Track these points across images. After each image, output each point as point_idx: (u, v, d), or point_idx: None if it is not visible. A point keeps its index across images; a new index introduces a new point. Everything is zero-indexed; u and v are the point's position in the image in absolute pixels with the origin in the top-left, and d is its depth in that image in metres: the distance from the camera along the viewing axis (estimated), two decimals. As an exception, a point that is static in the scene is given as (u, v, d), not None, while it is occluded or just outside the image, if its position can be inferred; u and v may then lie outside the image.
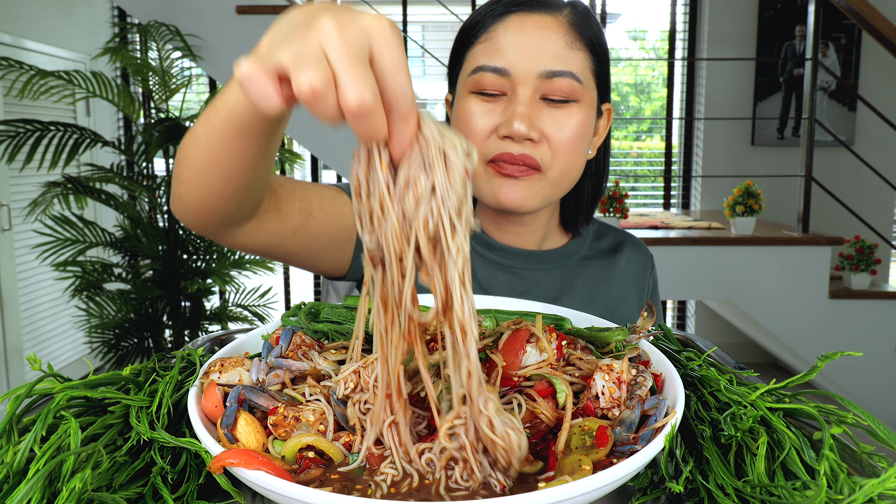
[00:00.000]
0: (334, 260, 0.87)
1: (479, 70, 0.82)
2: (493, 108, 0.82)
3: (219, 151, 0.59)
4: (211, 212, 0.67)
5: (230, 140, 0.57)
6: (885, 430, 0.49)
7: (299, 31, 0.41)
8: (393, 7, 4.14)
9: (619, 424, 0.53)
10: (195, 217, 0.68)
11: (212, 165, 0.61)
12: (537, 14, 0.82)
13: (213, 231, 0.71)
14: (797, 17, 3.95)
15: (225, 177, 0.62)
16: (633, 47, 4.92)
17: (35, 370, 0.52)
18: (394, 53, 0.41)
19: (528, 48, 0.80)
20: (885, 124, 3.21)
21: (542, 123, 0.81)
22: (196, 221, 0.69)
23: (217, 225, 0.70)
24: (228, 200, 0.65)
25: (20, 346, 3.38)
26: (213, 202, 0.65)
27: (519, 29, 0.81)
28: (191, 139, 0.61)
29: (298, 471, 0.49)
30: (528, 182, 0.83)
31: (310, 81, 0.39)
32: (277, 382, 0.58)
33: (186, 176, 0.64)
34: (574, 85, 0.81)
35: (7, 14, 3.26)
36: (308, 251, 0.82)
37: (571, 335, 0.67)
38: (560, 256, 0.96)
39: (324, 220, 0.81)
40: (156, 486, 0.49)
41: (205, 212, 0.67)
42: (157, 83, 3.00)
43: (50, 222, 2.93)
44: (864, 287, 3.01)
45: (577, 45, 0.82)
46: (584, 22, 0.84)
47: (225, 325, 3.17)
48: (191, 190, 0.65)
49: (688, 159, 4.30)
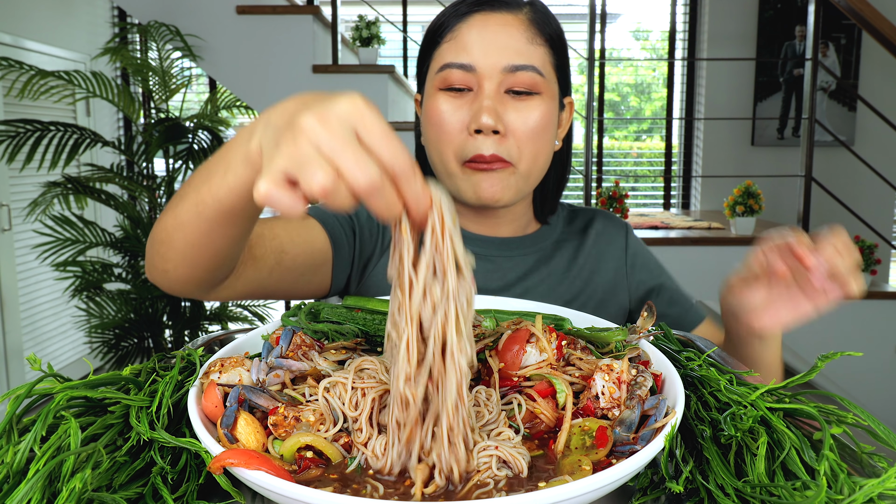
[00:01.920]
0: (314, 284, 0.90)
1: (445, 67, 0.86)
2: (461, 105, 0.86)
3: (209, 236, 0.61)
4: (198, 282, 0.69)
5: (221, 227, 0.60)
6: (885, 430, 0.49)
7: (286, 137, 0.43)
8: (393, 7, 4.14)
9: (619, 424, 0.53)
10: (180, 287, 0.71)
11: (203, 248, 0.63)
12: (499, 13, 0.86)
13: (193, 294, 0.74)
14: (797, 17, 3.95)
15: (214, 255, 0.64)
16: (634, 47, 4.92)
17: (35, 370, 0.52)
18: (377, 126, 0.43)
19: (492, 45, 0.84)
20: (885, 124, 3.21)
21: (507, 116, 0.85)
22: (180, 290, 0.71)
23: (201, 290, 0.73)
24: (216, 272, 0.68)
25: (20, 346, 3.38)
26: (201, 274, 0.68)
27: (482, 27, 0.85)
28: (176, 226, 0.63)
29: (298, 471, 0.49)
30: (502, 175, 0.86)
31: (319, 183, 0.41)
32: (277, 382, 0.58)
33: (172, 256, 0.66)
34: (536, 78, 0.85)
35: (7, 14, 3.26)
36: (287, 284, 0.85)
37: (571, 335, 0.67)
38: (533, 241, 1.00)
39: (297, 252, 0.84)
40: (156, 486, 0.49)
41: (192, 283, 0.69)
42: (157, 83, 3.00)
43: (50, 222, 2.93)
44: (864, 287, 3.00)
45: (537, 41, 0.86)
46: (543, 19, 0.88)
47: (225, 325, 3.17)
48: (178, 267, 0.67)
49: (688, 159, 4.30)
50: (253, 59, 2.98)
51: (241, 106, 3.33)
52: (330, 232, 0.90)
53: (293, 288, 0.88)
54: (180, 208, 0.61)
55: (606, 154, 4.59)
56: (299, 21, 2.95)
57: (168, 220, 0.64)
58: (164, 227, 0.65)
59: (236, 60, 2.99)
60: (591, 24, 3.12)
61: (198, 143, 2.96)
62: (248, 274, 0.78)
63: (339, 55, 3.06)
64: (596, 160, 4.36)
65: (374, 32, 3.10)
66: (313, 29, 2.96)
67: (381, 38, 3.15)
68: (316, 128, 0.42)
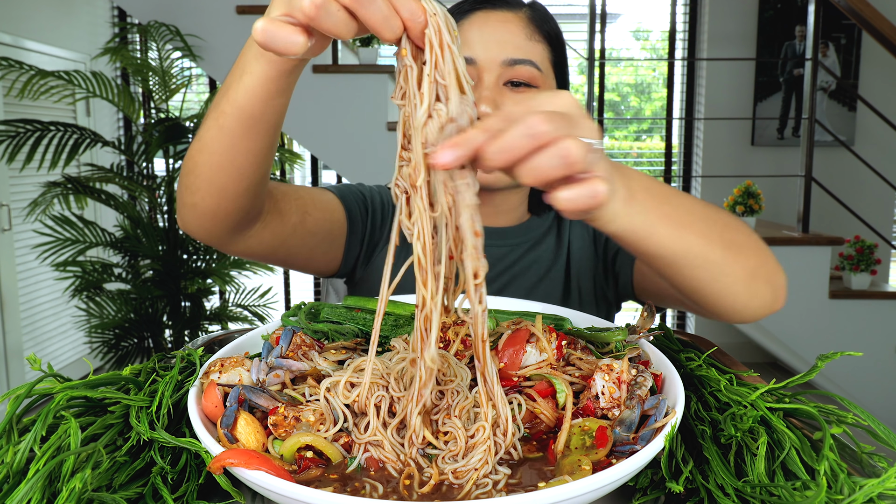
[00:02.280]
0: (329, 256, 0.94)
1: None
2: None
3: (231, 152, 0.64)
4: (225, 215, 0.72)
5: (241, 139, 0.63)
6: (885, 430, 0.49)
7: None
8: (393, 7, 4.14)
9: (619, 424, 0.53)
10: (211, 223, 0.73)
11: (226, 168, 0.66)
12: (499, 10, 0.90)
13: (224, 238, 0.76)
14: (797, 17, 3.95)
15: (238, 176, 0.67)
16: (634, 47, 4.92)
17: (35, 370, 0.52)
18: None
19: (491, 40, 0.88)
20: (885, 124, 3.21)
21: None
22: (211, 227, 0.73)
23: (229, 229, 0.75)
24: (242, 200, 0.70)
25: (20, 346, 3.38)
26: (228, 204, 0.70)
27: (482, 23, 0.89)
28: (200, 148, 0.65)
29: (298, 471, 0.49)
30: None
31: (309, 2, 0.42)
32: (277, 382, 0.58)
33: (200, 184, 0.68)
34: (534, 72, 0.89)
35: (7, 14, 3.26)
36: (307, 248, 0.89)
37: (571, 335, 0.67)
38: (524, 231, 1.02)
39: (318, 216, 0.88)
40: (156, 486, 0.48)
41: (220, 216, 0.71)
42: (157, 83, 3.00)
43: (50, 222, 2.92)
44: (864, 287, 3.00)
45: (535, 38, 0.90)
46: (542, 18, 0.92)
47: (225, 325, 3.17)
48: (205, 197, 0.69)
49: (688, 159, 4.30)
50: (253, 59, 2.97)
51: (241, 106, 3.32)
52: (347, 207, 0.95)
53: (311, 255, 0.91)
54: (203, 131, 0.65)
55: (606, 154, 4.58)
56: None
57: (193, 148, 0.67)
58: (190, 156, 0.68)
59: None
60: (591, 24, 3.12)
61: (198, 143, 2.96)
62: (274, 226, 0.81)
63: (339, 55, 3.06)
64: (596, 160, 4.35)
65: (374, 32, 3.10)
66: (313, 29, 2.96)
67: (381, 38, 3.15)
68: None
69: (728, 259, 0.61)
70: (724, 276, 0.61)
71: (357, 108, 2.98)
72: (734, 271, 0.61)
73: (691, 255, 0.58)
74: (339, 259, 0.96)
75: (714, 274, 0.60)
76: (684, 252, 0.57)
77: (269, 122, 0.62)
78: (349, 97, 2.97)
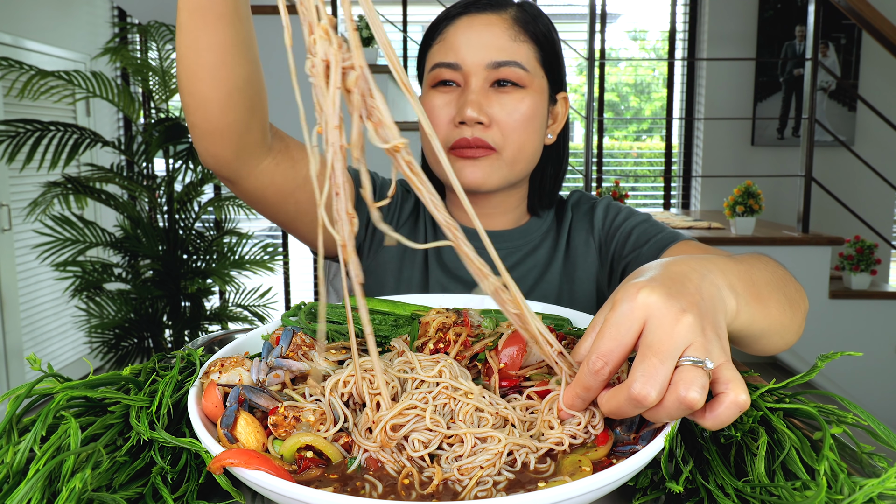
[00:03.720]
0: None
1: (436, 67, 0.92)
2: (450, 101, 0.91)
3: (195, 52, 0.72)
4: (220, 133, 0.77)
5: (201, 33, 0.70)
6: (885, 430, 0.49)
7: None
8: (393, 7, 4.14)
9: (619, 424, 0.53)
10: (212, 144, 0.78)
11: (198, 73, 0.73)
12: (484, 14, 0.92)
13: (233, 163, 0.81)
14: (797, 17, 3.95)
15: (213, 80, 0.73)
16: (633, 47, 4.92)
17: (35, 370, 0.52)
18: None
19: (476, 43, 0.90)
20: (885, 124, 3.21)
21: (492, 109, 0.90)
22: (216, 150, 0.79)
23: (233, 151, 0.79)
24: (230, 113, 0.76)
25: (20, 346, 3.38)
26: (218, 118, 0.76)
27: (467, 28, 0.91)
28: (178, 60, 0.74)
29: (298, 471, 0.49)
30: (486, 161, 0.91)
31: None
32: (277, 382, 0.58)
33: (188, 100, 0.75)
34: (520, 73, 0.90)
35: (7, 14, 3.26)
36: (314, 208, 0.91)
37: (571, 335, 0.67)
38: (522, 234, 1.02)
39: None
40: (156, 486, 0.49)
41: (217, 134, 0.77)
42: (157, 83, 3.00)
43: (50, 222, 2.93)
44: (864, 287, 3.01)
45: (521, 38, 0.91)
46: (529, 18, 0.93)
47: (225, 325, 3.17)
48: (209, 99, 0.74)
49: (688, 159, 4.30)
50: (253, 59, 2.98)
51: (241, 106, 3.32)
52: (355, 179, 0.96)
53: (315, 220, 0.92)
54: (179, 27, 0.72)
55: (606, 154, 4.59)
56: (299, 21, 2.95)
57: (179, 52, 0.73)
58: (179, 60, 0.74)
59: (236, 60, 2.99)
60: (591, 24, 3.12)
61: (198, 143, 2.96)
62: (285, 168, 0.86)
63: (339, 55, 3.05)
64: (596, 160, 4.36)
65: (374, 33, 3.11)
66: (313, 29, 2.96)
67: (381, 38, 3.15)
68: None
69: (794, 317, 0.66)
70: (789, 333, 0.67)
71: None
72: (793, 327, 0.67)
73: (773, 327, 0.62)
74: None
75: (783, 334, 0.66)
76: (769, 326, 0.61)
77: (217, 11, 0.69)
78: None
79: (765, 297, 0.60)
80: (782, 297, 0.63)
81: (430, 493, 0.46)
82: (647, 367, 0.45)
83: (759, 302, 0.58)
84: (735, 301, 0.54)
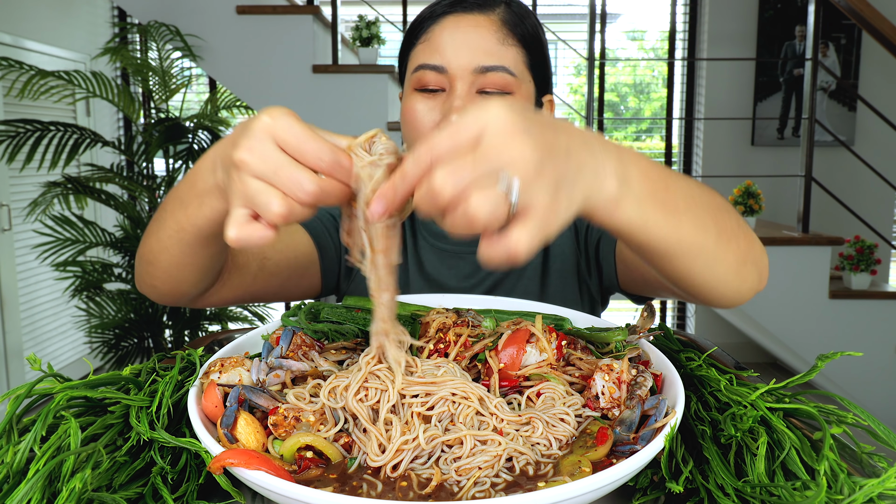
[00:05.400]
0: (303, 286, 0.95)
1: (420, 68, 0.88)
2: (434, 106, 0.88)
3: (192, 257, 0.67)
4: (184, 293, 0.76)
5: (203, 248, 0.66)
6: (885, 430, 0.49)
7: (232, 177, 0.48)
8: (393, 7, 4.14)
9: (619, 424, 0.53)
10: (170, 299, 0.77)
11: (187, 266, 0.69)
12: (471, 14, 0.87)
13: (184, 303, 0.80)
14: (797, 17, 3.95)
15: (199, 270, 0.71)
16: (633, 47, 4.92)
17: (35, 370, 0.52)
18: (289, 134, 0.46)
19: (462, 46, 0.85)
20: (885, 124, 3.21)
21: None
22: (170, 301, 0.78)
23: (189, 299, 0.79)
24: (201, 284, 0.75)
25: (20, 346, 3.38)
26: (188, 288, 0.74)
27: (454, 28, 0.86)
28: (161, 248, 0.68)
29: (298, 471, 0.49)
30: None
31: (275, 212, 0.46)
32: (277, 382, 0.58)
33: (160, 274, 0.72)
34: (507, 78, 0.86)
35: (7, 14, 3.26)
36: (273, 287, 0.90)
37: (571, 335, 0.67)
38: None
39: (279, 258, 0.88)
40: (156, 486, 0.48)
41: (179, 294, 0.76)
42: (157, 83, 3.00)
43: (50, 222, 2.92)
44: (864, 287, 3.00)
45: (509, 41, 0.87)
46: (517, 19, 0.89)
47: (225, 325, 3.17)
48: (165, 283, 0.73)
49: (688, 159, 4.30)
50: (253, 59, 2.98)
51: (241, 106, 3.32)
52: (314, 235, 0.93)
53: (281, 291, 0.92)
54: (162, 233, 0.66)
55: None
56: (299, 21, 2.95)
57: (152, 244, 0.69)
58: (150, 248, 0.70)
59: (236, 60, 2.99)
60: (591, 24, 3.12)
61: (198, 143, 2.96)
62: (233, 281, 0.82)
63: (340, 55, 3.06)
64: (596, 160, 4.34)
65: (374, 32, 3.10)
66: (313, 29, 2.96)
67: (381, 38, 3.15)
68: (247, 159, 0.46)
69: (721, 247, 0.59)
70: (717, 265, 0.59)
71: (357, 108, 2.98)
72: (726, 259, 0.60)
73: (686, 245, 0.55)
74: (317, 284, 0.96)
75: (708, 262, 0.58)
76: (678, 242, 0.55)
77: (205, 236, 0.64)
78: (349, 97, 2.97)
79: (677, 208, 0.53)
80: (707, 219, 0.56)
81: (429, 494, 0.46)
82: (458, 165, 0.41)
83: (664, 209, 0.52)
84: (618, 188, 0.48)
